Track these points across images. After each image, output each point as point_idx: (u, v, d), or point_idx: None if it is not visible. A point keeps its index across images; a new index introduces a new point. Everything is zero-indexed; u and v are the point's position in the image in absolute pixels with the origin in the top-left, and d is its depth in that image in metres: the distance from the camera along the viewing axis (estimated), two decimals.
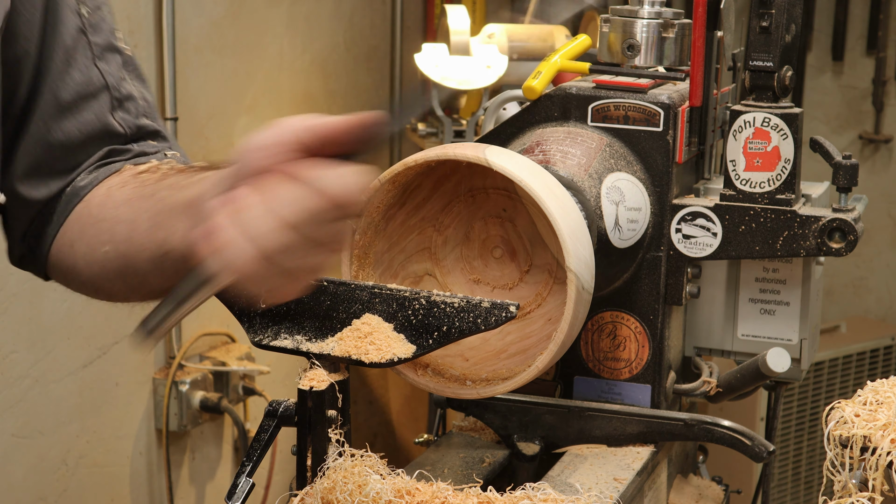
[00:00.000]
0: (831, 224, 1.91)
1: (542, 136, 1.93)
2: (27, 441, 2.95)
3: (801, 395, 4.06)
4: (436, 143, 3.65)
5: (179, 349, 3.41)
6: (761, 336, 2.06)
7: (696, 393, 2.05)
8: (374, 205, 1.73)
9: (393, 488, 1.52)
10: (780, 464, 4.04)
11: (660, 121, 1.92)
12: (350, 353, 1.58)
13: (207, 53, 3.41)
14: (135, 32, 3.10)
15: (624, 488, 1.76)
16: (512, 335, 1.76)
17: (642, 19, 2.01)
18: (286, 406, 1.58)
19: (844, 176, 1.94)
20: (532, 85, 1.98)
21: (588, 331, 1.97)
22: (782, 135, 1.94)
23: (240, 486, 1.52)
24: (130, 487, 3.33)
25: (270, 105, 3.72)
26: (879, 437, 1.45)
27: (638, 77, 1.99)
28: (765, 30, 1.94)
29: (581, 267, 1.64)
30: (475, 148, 1.68)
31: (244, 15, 3.56)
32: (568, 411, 1.93)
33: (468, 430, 2.01)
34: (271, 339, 1.62)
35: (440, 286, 1.81)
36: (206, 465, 3.61)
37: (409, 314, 1.59)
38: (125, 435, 3.30)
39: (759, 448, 1.85)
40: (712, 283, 2.07)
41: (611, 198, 1.87)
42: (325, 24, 4.00)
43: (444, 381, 1.73)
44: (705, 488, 2.14)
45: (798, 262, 2.03)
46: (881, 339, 4.24)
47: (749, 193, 1.94)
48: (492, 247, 1.82)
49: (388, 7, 4.35)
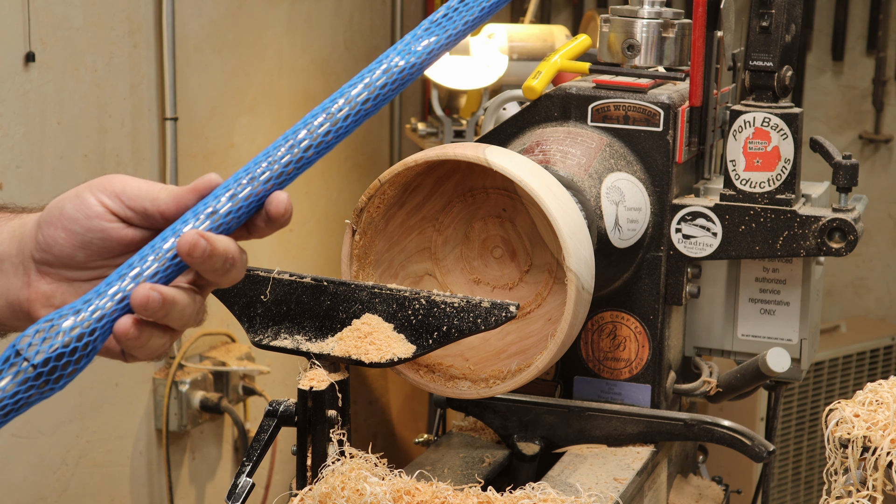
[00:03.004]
0: (831, 224, 1.91)
1: (542, 136, 1.93)
2: (27, 441, 2.95)
3: (801, 395, 4.05)
4: (436, 143, 3.64)
5: (179, 349, 3.41)
6: (761, 336, 2.06)
7: (696, 393, 2.05)
8: (375, 205, 1.73)
9: (391, 491, 1.52)
10: (780, 464, 4.04)
11: (660, 121, 1.92)
12: (350, 353, 1.58)
13: (207, 53, 3.41)
14: (135, 32, 3.10)
15: (624, 488, 1.76)
16: (512, 335, 1.76)
17: (642, 19, 2.01)
18: (286, 406, 1.58)
19: (844, 176, 1.94)
20: (532, 85, 1.98)
21: (588, 331, 1.97)
22: (782, 135, 1.94)
23: (240, 486, 1.52)
24: (130, 487, 3.33)
25: (270, 105, 3.72)
26: (879, 437, 1.45)
27: (638, 77, 1.99)
28: (765, 30, 1.94)
29: (581, 267, 1.64)
30: (475, 148, 1.68)
31: (244, 15, 3.56)
32: (568, 411, 1.92)
33: (468, 430, 2.01)
34: (271, 339, 1.62)
35: (440, 286, 1.81)
36: (206, 465, 3.61)
37: (409, 314, 1.59)
38: (125, 435, 3.30)
39: (759, 448, 1.85)
40: (712, 283, 2.07)
41: (611, 198, 1.87)
42: (325, 24, 4.00)
43: (444, 381, 1.73)
44: (705, 488, 2.14)
45: (798, 262, 2.03)
46: (881, 339, 4.24)
47: (749, 193, 1.94)
48: (492, 247, 1.82)
49: (388, 7, 4.35)
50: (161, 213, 1.15)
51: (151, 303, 1.09)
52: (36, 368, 1.04)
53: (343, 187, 4.17)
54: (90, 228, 1.15)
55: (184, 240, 1.10)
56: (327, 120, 1.16)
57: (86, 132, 2.97)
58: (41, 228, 1.17)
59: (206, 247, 1.10)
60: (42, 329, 1.06)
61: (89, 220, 1.15)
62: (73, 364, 1.06)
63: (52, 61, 2.84)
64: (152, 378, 3.38)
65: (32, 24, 2.78)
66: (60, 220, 1.16)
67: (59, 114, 2.89)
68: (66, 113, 2.91)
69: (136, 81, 3.13)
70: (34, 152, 2.82)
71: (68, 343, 1.06)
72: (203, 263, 1.11)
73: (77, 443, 3.11)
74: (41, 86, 2.83)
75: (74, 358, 1.06)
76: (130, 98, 3.10)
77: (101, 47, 2.97)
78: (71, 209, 1.16)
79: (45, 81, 2.84)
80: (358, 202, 1.72)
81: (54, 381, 1.05)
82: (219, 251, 1.11)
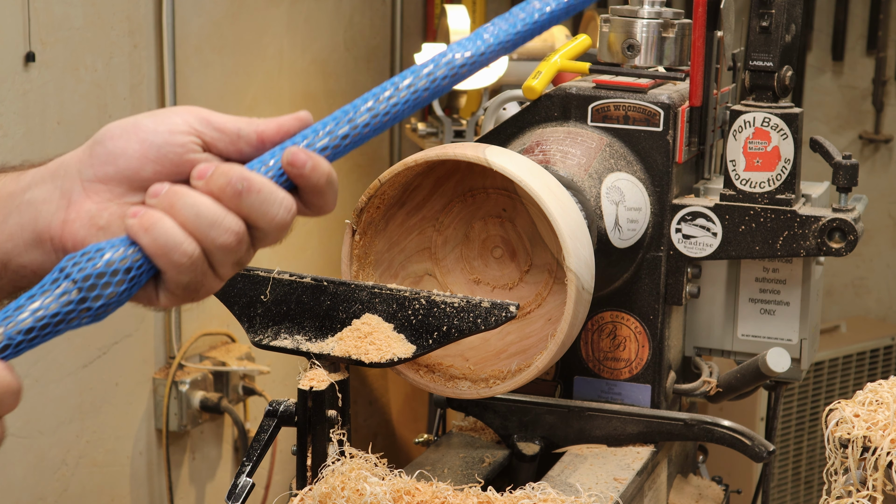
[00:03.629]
0: (831, 224, 1.91)
1: (542, 136, 1.93)
2: (27, 441, 2.95)
3: (801, 395, 4.05)
4: (436, 143, 3.64)
5: (179, 349, 3.41)
6: (761, 336, 2.06)
7: (696, 393, 2.05)
8: (375, 205, 1.73)
9: (391, 491, 1.52)
10: (780, 464, 4.04)
11: (660, 121, 1.92)
12: (350, 353, 1.58)
13: (207, 53, 3.42)
14: (135, 32, 3.10)
15: (624, 488, 1.76)
16: (512, 335, 1.76)
17: (642, 19, 2.01)
18: (286, 406, 1.58)
19: (844, 176, 1.94)
20: (532, 85, 1.98)
21: (588, 331, 1.97)
22: (782, 135, 1.94)
23: (240, 486, 1.52)
24: (130, 487, 3.33)
25: (270, 105, 3.72)
26: (879, 437, 1.45)
27: (638, 77, 1.99)
28: (765, 30, 1.94)
29: (581, 267, 1.64)
30: (475, 148, 1.68)
31: (244, 15, 3.56)
32: (568, 411, 1.92)
33: (468, 430, 2.01)
34: (271, 339, 1.62)
35: (440, 286, 1.81)
36: (206, 465, 3.61)
37: (409, 314, 1.59)
38: (125, 435, 3.30)
39: (759, 448, 1.85)
40: (712, 283, 2.07)
41: (611, 198, 1.87)
42: (325, 24, 4.00)
43: (444, 381, 1.73)
44: (705, 488, 2.14)
45: (798, 262, 2.03)
46: (881, 339, 4.24)
47: (749, 193, 1.94)
48: (492, 247, 1.82)
49: (388, 7, 4.35)
50: (259, 135, 1.13)
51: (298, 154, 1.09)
52: (76, 283, 1.05)
53: (343, 187, 4.16)
54: (170, 142, 1.13)
55: (290, 150, 1.10)
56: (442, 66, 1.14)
57: (86, 132, 2.97)
58: (102, 143, 1.13)
59: (308, 160, 1.10)
60: (89, 251, 1.07)
61: (171, 136, 1.13)
62: (113, 286, 1.06)
63: (52, 61, 2.84)
64: (152, 378, 3.38)
65: (32, 24, 2.78)
66: (136, 132, 1.13)
67: (59, 114, 2.89)
68: (66, 113, 2.91)
69: (136, 81, 3.13)
70: (34, 152, 2.82)
71: (112, 262, 1.06)
72: (304, 178, 1.10)
73: (77, 443, 3.11)
74: (41, 86, 2.83)
75: (116, 280, 1.06)
76: (130, 98, 3.10)
77: (101, 47, 2.97)
78: (150, 123, 1.14)
79: (45, 81, 2.84)
80: (358, 202, 1.72)
81: (93, 299, 1.06)
82: (322, 164, 1.10)
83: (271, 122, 1.14)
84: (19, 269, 1.15)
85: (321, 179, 1.11)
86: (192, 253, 1.09)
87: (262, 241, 1.14)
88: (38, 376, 2.92)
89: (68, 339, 3.00)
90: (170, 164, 1.12)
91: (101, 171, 1.13)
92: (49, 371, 2.96)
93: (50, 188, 1.14)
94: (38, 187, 1.15)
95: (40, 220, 1.14)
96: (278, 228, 1.13)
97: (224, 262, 1.12)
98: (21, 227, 1.14)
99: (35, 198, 1.14)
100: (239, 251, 1.11)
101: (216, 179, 1.10)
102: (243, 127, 1.14)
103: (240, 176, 1.09)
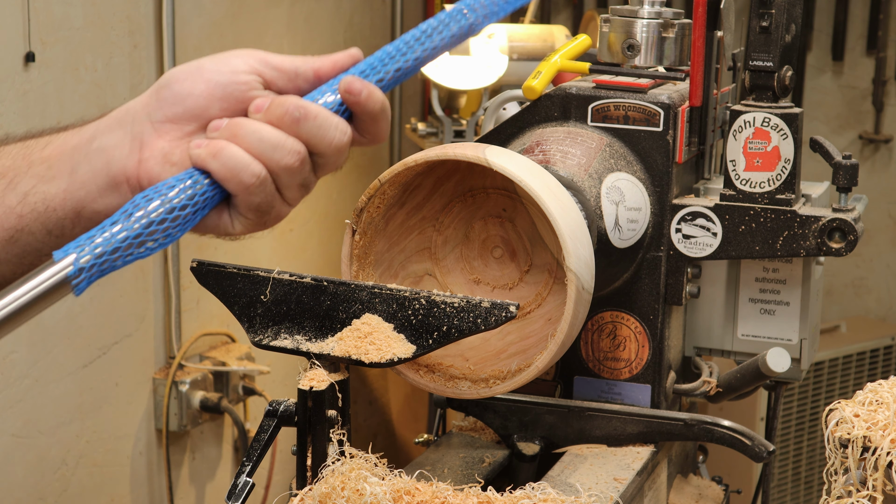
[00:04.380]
0: (831, 224, 1.91)
1: (542, 136, 1.93)
2: (27, 441, 2.95)
3: (801, 395, 4.06)
4: (436, 142, 3.65)
5: (179, 349, 3.41)
6: (761, 336, 2.06)
7: (696, 393, 2.05)
8: (375, 205, 1.73)
9: (391, 491, 1.52)
10: (780, 464, 4.04)
11: (660, 121, 1.92)
12: (350, 353, 1.57)
13: (207, 53, 3.41)
14: (135, 32, 3.09)
15: (624, 488, 1.76)
16: (512, 335, 1.76)
17: (642, 19, 2.01)
18: (286, 406, 1.58)
19: (844, 176, 1.94)
20: (532, 85, 1.98)
21: (588, 331, 1.97)
22: (782, 135, 1.94)
23: (240, 486, 1.52)
24: (130, 487, 3.33)
25: None
26: (879, 437, 1.45)
27: (638, 77, 1.99)
28: (765, 30, 1.94)
29: (581, 267, 1.64)
30: (475, 148, 1.68)
31: (244, 15, 3.56)
32: (568, 411, 1.93)
33: (468, 430, 2.01)
34: (271, 339, 1.62)
35: (440, 286, 1.81)
36: (206, 465, 3.61)
37: (409, 314, 1.59)
38: (125, 435, 3.30)
39: (759, 448, 1.85)
40: (712, 283, 2.07)
41: (611, 198, 1.87)
42: (325, 24, 4.00)
43: (444, 381, 1.73)
44: (705, 488, 2.14)
45: (798, 262, 2.03)
46: (881, 339, 4.24)
47: (749, 193, 1.94)
48: (492, 247, 1.82)
49: (388, 7, 4.35)
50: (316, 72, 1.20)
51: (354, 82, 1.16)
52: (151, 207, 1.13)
53: (343, 187, 4.17)
54: (234, 81, 1.19)
55: (347, 79, 1.17)
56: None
57: None
58: (169, 87, 1.20)
59: (364, 88, 1.17)
60: (158, 186, 1.14)
61: (234, 75, 1.20)
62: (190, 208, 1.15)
63: (52, 61, 2.84)
64: (152, 378, 3.38)
65: (32, 24, 2.78)
66: (201, 74, 1.20)
67: (59, 114, 2.89)
68: (66, 113, 2.91)
69: (136, 81, 3.13)
70: None
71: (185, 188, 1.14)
72: (360, 105, 1.16)
73: (77, 443, 3.11)
74: (41, 86, 2.83)
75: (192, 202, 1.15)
76: (130, 98, 3.10)
77: (101, 47, 2.97)
78: (213, 65, 1.21)
79: (45, 81, 2.84)
80: (358, 202, 1.72)
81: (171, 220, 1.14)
82: (376, 92, 1.18)
83: (326, 58, 1.20)
84: (93, 216, 1.20)
85: (376, 106, 1.17)
86: (260, 173, 1.15)
87: (324, 166, 1.19)
88: (38, 376, 2.92)
89: (68, 339, 3.00)
90: (235, 101, 1.19)
91: (171, 111, 1.19)
92: (49, 371, 2.96)
93: (119, 135, 1.20)
94: (105, 136, 1.21)
95: (113, 164, 1.19)
96: (336, 151, 1.18)
97: (290, 185, 1.17)
98: (94, 174, 1.20)
99: (105, 145, 1.20)
100: (303, 172, 1.17)
101: (274, 110, 1.16)
102: (300, 65, 1.22)
103: (296, 104, 1.16)
